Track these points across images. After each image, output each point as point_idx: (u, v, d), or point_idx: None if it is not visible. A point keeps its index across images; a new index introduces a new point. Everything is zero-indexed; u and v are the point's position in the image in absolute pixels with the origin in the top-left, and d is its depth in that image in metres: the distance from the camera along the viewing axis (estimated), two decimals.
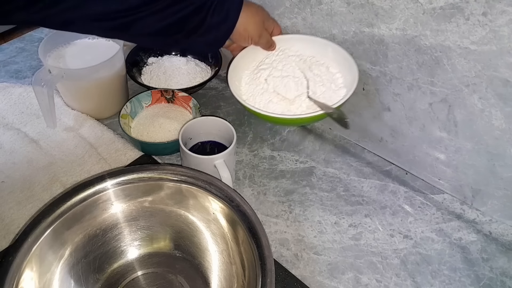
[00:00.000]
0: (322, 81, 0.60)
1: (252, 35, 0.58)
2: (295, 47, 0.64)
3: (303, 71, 0.61)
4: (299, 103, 0.59)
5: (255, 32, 0.58)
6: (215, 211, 0.46)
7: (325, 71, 0.62)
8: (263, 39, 0.61)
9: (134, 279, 0.48)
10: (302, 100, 0.59)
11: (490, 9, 0.43)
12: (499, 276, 0.51)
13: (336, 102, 0.56)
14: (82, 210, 0.45)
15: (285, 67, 0.62)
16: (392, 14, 0.51)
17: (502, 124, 0.49)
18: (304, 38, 0.63)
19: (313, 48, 0.63)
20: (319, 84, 0.60)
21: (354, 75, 0.57)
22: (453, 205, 0.60)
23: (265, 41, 0.62)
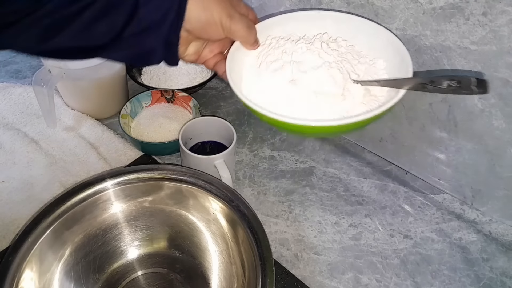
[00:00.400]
0: (355, 58, 0.46)
1: (219, 16, 0.40)
2: (297, 29, 0.50)
3: (324, 53, 0.46)
4: (351, 96, 0.42)
5: (222, 11, 0.40)
6: (215, 211, 0.46)
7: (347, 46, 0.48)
8: (238, 22, 0.41)
9: (134, 279, 0.48)
10: (353, 91, 0.43)
11: (490, 9, 0.43)
12: (499, 276, 0.51)
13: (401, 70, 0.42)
14: (82, 210, 0.45)
15: (306, 56, 0.45)
16: (392, 14, 0.51)
17: (502, 124, 0.49)
18: (295, 17, 0.50)
19: (313, 26, 0.50)
20: (355, 62, 0.46)
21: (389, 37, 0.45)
22: (453, 205, 0.60)
23: (242, 25, 0.42)
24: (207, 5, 0.39)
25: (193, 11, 0.39)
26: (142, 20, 0.37)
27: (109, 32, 0.36)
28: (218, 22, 0.40)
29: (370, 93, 0.43)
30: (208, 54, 0.46)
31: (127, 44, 0.38)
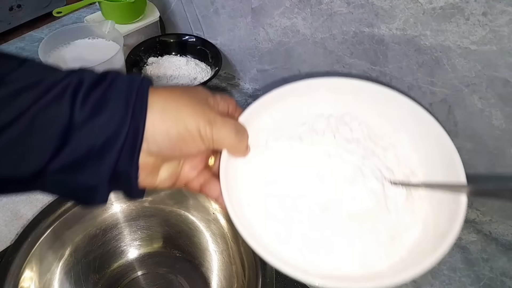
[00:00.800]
0: (377, 142, 0.36)
1: (197, 127, 0.30)
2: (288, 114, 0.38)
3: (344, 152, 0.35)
4: (393, 205, 0.32)
5: (198, 118, 0.30)
6: (215, 211, 0.46)
7: (362, 128, 0.37)
8: (222, 128, 0.31)
9: (134, 279, 0.48)
10: (393, 197, 0.32)
11: (490, 9, 0.43)
12: (499, 276, 0.51)
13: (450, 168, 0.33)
14: (82, 210, 0.45)
15: (325, 161, 0.34)
16: (392, 14, 0.51)
17: (502, 124, 0.49)
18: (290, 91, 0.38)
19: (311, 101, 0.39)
20: (380, 152, 0.35)
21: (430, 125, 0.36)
22: None
23: (228, 130, 0.32)
24: (176, 114, 0.29)
25: (157, 127, 0.28)
26: (76, 150, 0.26)
27: (28, 164, 0.26)
28: (196, 133, 0.30)
29: (412, 197, 0.33)
30: (190, 173, 0.34)
31: (54, 183, 0.28)
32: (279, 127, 0.37)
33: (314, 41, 0.63)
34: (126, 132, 0.27)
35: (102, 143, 0.27)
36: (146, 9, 0.81)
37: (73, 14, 0.96)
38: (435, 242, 0.29)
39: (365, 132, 0.37)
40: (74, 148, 0.26)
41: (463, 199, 0.30)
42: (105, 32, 0.71)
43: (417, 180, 0.34)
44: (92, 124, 0.26)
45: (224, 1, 0.71)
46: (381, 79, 0.57)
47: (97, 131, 0.27)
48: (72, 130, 0.26)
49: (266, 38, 0.69)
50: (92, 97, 0.27)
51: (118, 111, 0.27)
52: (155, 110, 0.28)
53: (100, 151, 0.27)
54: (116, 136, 0.27)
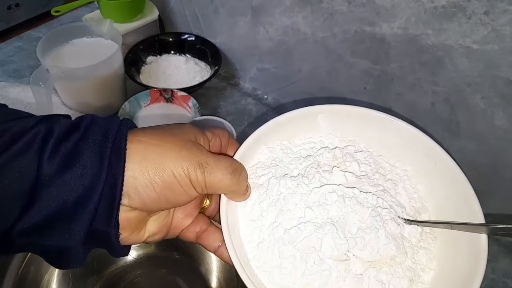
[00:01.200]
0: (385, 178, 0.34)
1: (186, 172, 0.26)
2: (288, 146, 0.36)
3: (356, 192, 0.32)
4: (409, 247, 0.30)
5: (186, 162, 0.26)
6: None
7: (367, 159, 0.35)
8: (215, 170, 0.28)
9: (133, 281, 0.48)
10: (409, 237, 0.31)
11: (492, 8, 0.43)
12: (501, 277, 0.51)
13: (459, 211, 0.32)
14: None
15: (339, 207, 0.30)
16: (393, 13, 0.50)
17: (505, 124, 0.49)
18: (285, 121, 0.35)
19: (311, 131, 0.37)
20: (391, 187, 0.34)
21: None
22: None
23: (223, 172, 0.28)
24: (160, 161, 0.26)
25: (138, 179, 0.25)
26: (44, 208, 0.23)
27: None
28: (186, 179, 0.26)
29: (424, 234, 0.32)
30: (183, 221, 0.31)
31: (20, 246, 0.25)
32: (281, 161, 0.34)
33: (315, 40, 0.62)
34: (102, 188, 0.24)
35: (74, 200, 0.24)
36: (145, 7, 0.81)
37: (72, 13, 0.95)
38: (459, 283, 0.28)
39: (372, 165, 0.34)
40: (43, 206, 0.23)
41: (484, 239, 0.28)
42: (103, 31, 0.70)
43: (428, 214, 0.33)
44: (62, 180, 0.23)
45: (224, 0, 0.71)
46: (383, 78, 0.57)
47: (68, 187, 0.23)
48: (39, 186, 0.23)
49: (266, 37, 0.69)
50: (62, 148, 0.24)
51: (92, 164, 0.24)
52: (135, 160, 0.25)
53: (72, 210, 0.24)
54: (90, 192, 0.24)
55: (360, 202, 0.31)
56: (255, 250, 0.30)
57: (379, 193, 0.32)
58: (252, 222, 0.31)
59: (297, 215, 0.30)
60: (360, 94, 0.62)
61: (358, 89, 0.62)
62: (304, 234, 0.29)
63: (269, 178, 0.32)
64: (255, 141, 0.33)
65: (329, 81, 0.65)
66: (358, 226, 0.30)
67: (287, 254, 0.29)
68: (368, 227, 0.29)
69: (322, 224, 0.29)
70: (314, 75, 0.67)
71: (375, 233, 0.29)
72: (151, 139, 0.26)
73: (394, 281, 0.29)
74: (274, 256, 0.29)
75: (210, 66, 0.78)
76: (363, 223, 0.30)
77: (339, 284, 0.28)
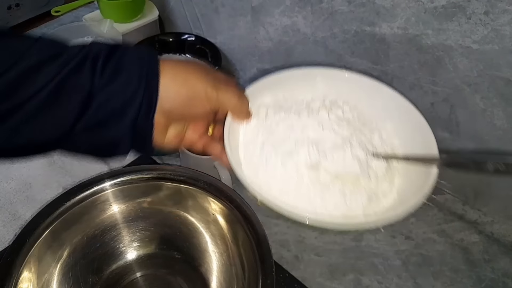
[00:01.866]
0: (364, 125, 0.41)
1: (202, 87, 0.34)
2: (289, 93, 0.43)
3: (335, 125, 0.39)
4: (373, 173, 0.37)
5: (205, 82, 0.34)
6: (215, 212, 0.46)
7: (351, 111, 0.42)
8: (226, 91, 0.36)
9: (133, 281, 0.48)
10: (375, 167, 0.37)
11: (492, 8, 0.43)
12: (501, 277, 0.51)
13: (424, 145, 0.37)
14: (81, 211, 0.45)
15: (319, 131, 0.38)
16: (393, 13, 0.50)
17: (504, 124, 0.49)
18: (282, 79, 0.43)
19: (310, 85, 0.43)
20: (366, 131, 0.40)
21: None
22: (455, 205, 0.59)
23: (232, 94, 0.36)
24: (185, 77, 0.33)
25: (169, 88, 0.32)
26: (99, 111, 0.30)
27: (55, 128, 0.30)
28: (203, 94, 0.34)
29: (391, 169, 0.38)
30: (193, 136, 0.38)
31: (82, 140, 0.31)
32: (279, 104, 0.42)
33: (315, 40, 0.62)
34: (143, 93, 0.31)
35: (122, 103, 0.31)
36: (145, 7, 0.81)
37: (72, 13, 0.95)
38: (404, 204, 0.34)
39: (355, 115, 0.41)
40: (97, 109, 0.30)
41: (434, 170, 0.34)
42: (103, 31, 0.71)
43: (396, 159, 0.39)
44: (112, 88, 0.30)
45: (224, 0, 0.71)
46: (383, 78, 0.57)
47: (118, 92, 0.30)
48: (95, 94, 0.30)
49: (266, 37, 0.69)
50: (109, 65, 0.30)
51: (134, 75, 0.31)
52: (166, 75, 0.32)
53: (121, 109, 0.31)
54: (134, 96, 0.31)
55: (336, 132, 0.38)
56: (247, 157, 0.38)
57: (356, 133, 0.39)
58: (248, 139, 0.39)
59: (284, 135, 0.38)
60: None
61: None
62: (286, 146, 0.37)
63: (267, 111, 0.40)
64: (260, 87, 0.41)
65: None
66: (330, 146, 0.37)
67: (271, 161, 0.37)
68: (339, 148, 0.37)
69: (302, 141, 0.37)
70: None
71: (343, 152, 0.36)
72: (177, 64, 0.34)
73: (355, 196, 0.35)
74: (261, 162, 0.37)
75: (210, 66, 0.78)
76: (335, 145, 0.37)
77: (309, 189, 0.35)
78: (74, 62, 0.29)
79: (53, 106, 0.29)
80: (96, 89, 0.30)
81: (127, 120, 0.31)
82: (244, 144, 0.39)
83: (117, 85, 0.30)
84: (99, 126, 0.31)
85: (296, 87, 0.43)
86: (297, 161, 0.36)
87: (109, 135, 0.32)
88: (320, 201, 0.35)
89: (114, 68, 0.31)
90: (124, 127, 0.31)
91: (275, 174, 0.36)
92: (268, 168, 0.37)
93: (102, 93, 0.30)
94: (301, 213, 0.33)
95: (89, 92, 0.30)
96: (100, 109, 0.30)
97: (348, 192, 0.35)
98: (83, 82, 0.29)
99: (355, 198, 0.35)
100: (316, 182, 0.35)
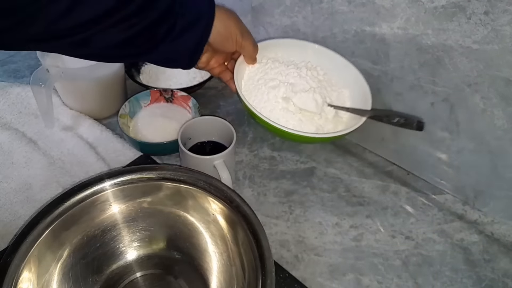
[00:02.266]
0: (329, 86, 0.59)
1: (235, 33, 0.52)
2: (286, 54, 0.62)
3: (309, 79, 0.59)
4: (324, 116, 0.56)
5: (237, 28, 0.52)
6: (215, 212, 0.46)
7: (324, 75, 0.61)
8: (248, 39, 0.54)
9: (133, 281, 0.48)
10: (327, 112, 0.56)
11: (492, 8, 0.43)
12: (501, 277, 0.51)
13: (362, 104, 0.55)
14: (81, 211, 0.45)
15: (296, 80, 0.58)
16: (393, 13, 0.50)
17: (504, 124, 0.49)
18: (285, 43, 0.62)
19: (297, 52, 0.62)
20: (329, 89, 0.58)
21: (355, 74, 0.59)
22: (455, 205, 0.59)
23: (251, 42, 0.55)
24: (227, 22, 0.51)
25: (216, 26, 0.49)
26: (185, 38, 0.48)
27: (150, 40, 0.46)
28: (234, 37, 0.52)
29: (338, 115, 0.58)
30: (214, 64, 0.56)
31: (167, 48, 0.48)
32: (277, 58, 0.62)
33: (315, 40, 0.62)
34: (206, 22, 0.49)
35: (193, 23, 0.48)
36: None
37: None
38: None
39: (325, 78, 0.61)
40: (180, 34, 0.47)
41: (363, 119, 0.54)
42: None
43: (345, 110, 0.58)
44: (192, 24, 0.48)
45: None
46: (383, 78, 0.57)
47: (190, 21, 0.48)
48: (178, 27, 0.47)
49: (266, 36, 0.69)
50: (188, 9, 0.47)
51: (206, 13, 0.49)
52: (217, 18, 0.49)
53: (191, 26, 0.48)
54: (199, 25, 0.48)
55: (307, 82, 0.58)
56: (246, 87, 0.59)
57: (321, 86, 0.59)
58: (250, 75, 0.60)
59: (273, 77, 0.58)
60: None
61: None
62: (273, 83, 0.57)
63: (267, 61, 0.61)
64: (263, 44, 0.60)
65: None
66: (301, 89, 0.57)
67: (261, 90, 0.57)
68: (306, 91, 0.57)
69: (283, 82, 0.58)
70: None
71: (307, 94, 0.56)
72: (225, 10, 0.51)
73: (307, 125, 0.55)
74: (254, 91, 0.58)
75: None
76: (304, 89, 0.57)
77: (281, 113, 0.55)
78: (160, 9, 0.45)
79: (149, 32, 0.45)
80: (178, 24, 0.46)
81: (200, 32, 0.49)
82: (246, 78, 0.60)
83: (191, 21, 0.47)
84: (180, 36, 0.47)
85: (292, 51, 0.62)
86: (276, 93, 0.56)
87: (190, 40, 0.49)
88: (284, 121, 0.54)
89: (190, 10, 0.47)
90: (197, 37, 0.49)
91: (262, 99, 0.56)
92: (258, 95, 0.57)
93: (184, 27, 0.47)
94: (268, 119, 0.52)
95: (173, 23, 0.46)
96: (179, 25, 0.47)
97: (304, 121, 0.55)
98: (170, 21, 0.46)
99: (307, 127, 0.54)
100: (286, 109, 0.55)
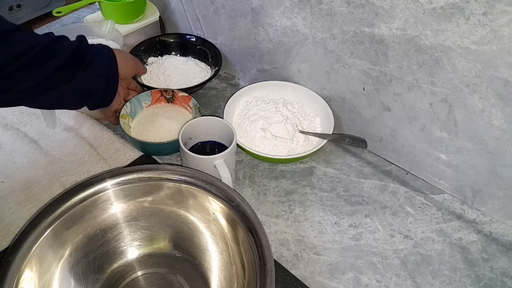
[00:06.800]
0: (302, 116, 0.69)
1: (131, 70, 0.63)
2: (270, 93, 0.73)
3: (284, 112, 0.68)
4: (296, 140, 0.65)
5: (134, 67, 0.64)
6: (215, 211, 0.46)
7: (298, 108, 0.70)
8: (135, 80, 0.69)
9: (134, 279, 0.48)
10: (298, 137, 0.66)
11: (491, 9, 0.43)
12: (500, 276, 0.51)
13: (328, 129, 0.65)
14: (82, 210, 0.45)
15: (272, 114, 0.68)
16: (392, 14, 0.51)
17: (503, 124, 0.49)
18: (270, 84, 0.72)
19: (279, 91, 0.72)
20: (302, 119, 0.69)
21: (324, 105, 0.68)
22: (454, 205, 0.59)
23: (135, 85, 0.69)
24: (126, 62, 0.60)
25: (120, 64, 0.57)
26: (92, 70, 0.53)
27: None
28: (131, 73, 0.64)
29: (309, 139, 0.66)
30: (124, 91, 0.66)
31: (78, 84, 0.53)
32: (261, 97, 0.72)
33: (314, 41, 0.63)
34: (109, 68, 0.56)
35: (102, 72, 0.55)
36: (146, 9, 0.81)
37: (73, 14, 0.96)
38: None
39: (299, 110, 0.70)
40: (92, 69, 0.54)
41: (324, 141, 0.64)
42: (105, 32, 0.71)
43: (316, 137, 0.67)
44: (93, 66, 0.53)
45: (224, 1, 0.71)
46: (381, 79, 0.57)
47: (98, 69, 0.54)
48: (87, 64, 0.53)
49: (266, 38, 0.69)
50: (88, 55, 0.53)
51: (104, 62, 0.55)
52: (118, 60, 0.57)
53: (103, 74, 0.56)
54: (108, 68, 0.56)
55: (282, 114, 0.68)
56: (236, 121, 0.69)
57: (294, 117, 0.68)
58: (239, 112, 0.71)
59: (254, 112, 0.68)
60: (359, 94, 0.62)
61: (357, 90, 0.62)
62: (253, 117, 0.67)
63: (252, 100, 0.71)
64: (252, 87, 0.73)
65: (328, 81, 0.66)
66: (275, 121, 0.66)
67: (244, 124, 0.67)
68: (279, 122, 0.66)
69: (261, 116, 0.67)
70: (313, 75, 0.68)
71: (279, 124, 0.66)
72: (122, 54, 0.60)
73: (281, 148, 0.64)
74: (241, 124, 0.68)
75: (210, 67, 0.78)
76: (278, 120, 0.66)
77: (260, 140, 0.64)
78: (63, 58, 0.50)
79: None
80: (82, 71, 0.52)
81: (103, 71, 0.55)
82: (237, 114, 0.70)
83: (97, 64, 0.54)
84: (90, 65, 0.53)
85: (274, 90, 0.73)
86: (256, 126, 0.66)
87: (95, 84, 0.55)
88: (262, 147, 0.64)
89: (91, 58, 0.53)
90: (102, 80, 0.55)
91: (245, 131, 0.66)
92: (242, 127, 0.67)
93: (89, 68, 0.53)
94: (251, 149, 0.61)
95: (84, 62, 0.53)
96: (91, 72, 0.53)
97: (278, 145, 0.64)
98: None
99: (281, 150, 0.64)
100: (264, 137, 0.64)
